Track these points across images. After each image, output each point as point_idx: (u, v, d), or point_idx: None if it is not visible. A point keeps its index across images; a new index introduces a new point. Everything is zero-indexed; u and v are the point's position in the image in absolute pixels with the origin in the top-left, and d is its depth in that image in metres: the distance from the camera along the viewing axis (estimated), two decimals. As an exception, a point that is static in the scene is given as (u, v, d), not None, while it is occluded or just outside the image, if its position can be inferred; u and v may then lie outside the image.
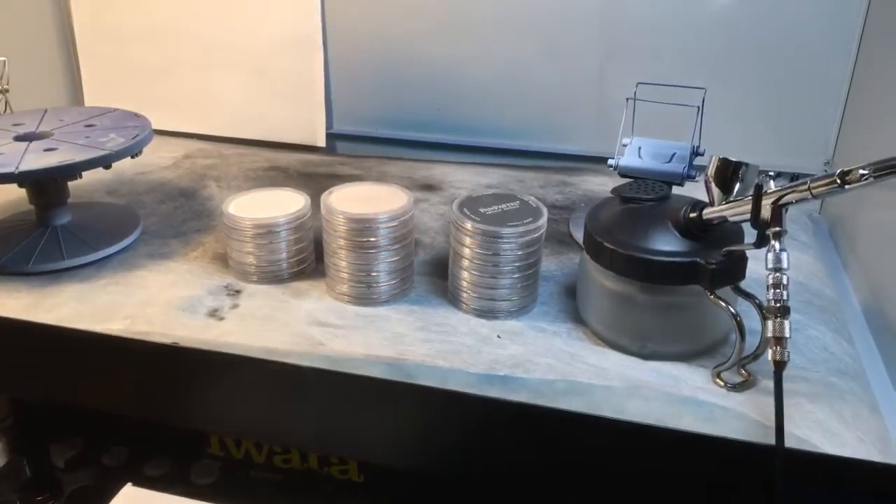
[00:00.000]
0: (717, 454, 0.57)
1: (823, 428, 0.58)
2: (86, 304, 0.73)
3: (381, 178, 1.04)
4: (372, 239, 0.72)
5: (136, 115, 0.89)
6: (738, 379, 0.63)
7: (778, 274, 0.55)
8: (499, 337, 0.68)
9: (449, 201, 0.97)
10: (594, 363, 0.64)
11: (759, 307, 0.61)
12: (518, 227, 0.69)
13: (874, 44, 0.95)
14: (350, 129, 1.20)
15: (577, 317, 0.72)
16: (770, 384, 0.62)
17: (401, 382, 0.61)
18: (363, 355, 0.64)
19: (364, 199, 0.75)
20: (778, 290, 0.54)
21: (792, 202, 0.55)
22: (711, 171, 0.62)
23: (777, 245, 0.55)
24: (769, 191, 0.56)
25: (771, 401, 0.60)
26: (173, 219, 0.92)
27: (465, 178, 1.05)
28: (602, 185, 1.03)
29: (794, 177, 0.55)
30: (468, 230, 0.70)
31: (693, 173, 0.81)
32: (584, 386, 0.61)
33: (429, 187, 1.02)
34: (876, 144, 0.92)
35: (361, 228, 0.71)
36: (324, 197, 0.75)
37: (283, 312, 0.71)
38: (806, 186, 0.53)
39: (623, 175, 0.84)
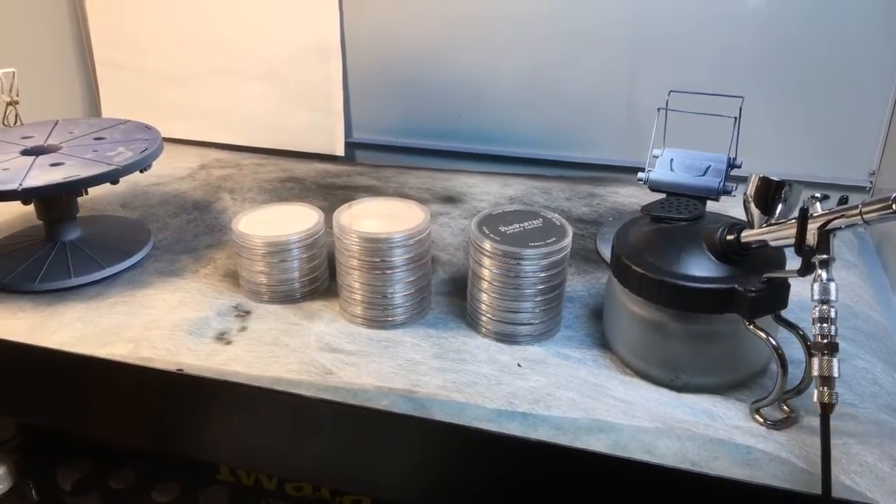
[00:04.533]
0: (756, 503, 0.52)
1: (873, 473, 0.53)
2: (90, 325, 0.70)
3: (399, 189, 1.01)
4: (387, 259, 0.68)
5: (148, 128, 0.86)
6: (779, 415, 0.58)
7: (825, 307, 0.50)
8: (519, 366, 0.64)
9: (470, 215, 0.93)
10: (622, 397, 0.60)
11: (804, 338, 0.56)
12: (541, 247, 0.65)
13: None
14: (369, 137, 1.16)
15: (604, 342, 0.68)
16: (814, 421, 0.57)
17: (412, 417, 0.57)
18: (374, 387, 0.60)
19: (379, 216, 0.71)
20: (825, 325, 0.49)
21: (841, 227, 0.50)
22: (751, 190, 0.57)
23: (824, 275, 0.50)
24: (815, 214, 0.51)
25: (816, 441, 0.55)
26: (185, 233, 0.89)
27: (487, 190, 1.01)
28: (632, 196, 0.98)
29: (843, 199, 0.50)
30: (488, 250, 0.66)
31: (730, 187, 0.75)
32: (610, 423, 0.57)
33: (449, 199, 0.98)
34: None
35: (375, 248, 0.68)
36: (336, 215, 0.71)
37: (292, 336, 0.68)
38: (857, 211, 0.48)
39: (653, 189, 0.79)
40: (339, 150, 1.15)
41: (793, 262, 0.58)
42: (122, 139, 0.82)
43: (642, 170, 1.05)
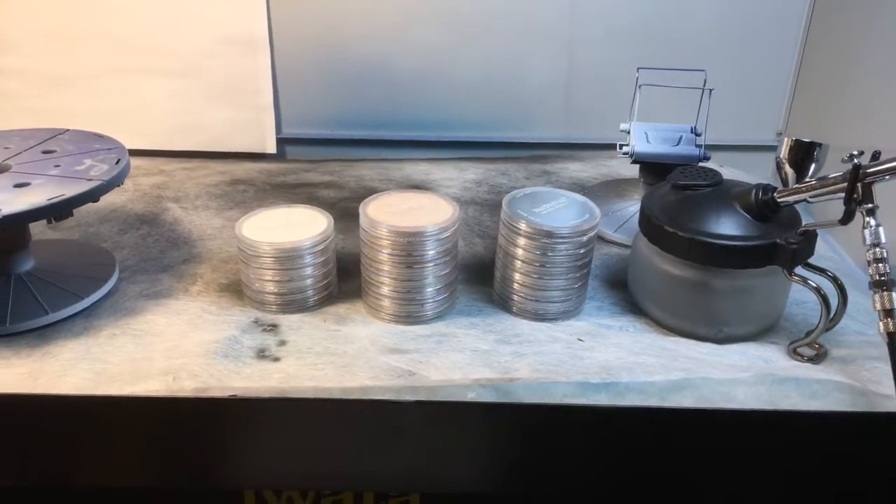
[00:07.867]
0: (841, 428, 0.58)
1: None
2: (101, 362, 0.62)
3: (359, 182, 0.98)
4: (427, 252, 0.66)
5: (98, 136, 0.76)
6: (811, 352, 0.65)
7: (878, 249, 0.56)
8: (580, 340, 0.66)
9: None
10: (686, 354, 0.64)
11: (834, 279, 0.64)
12: (580, 224, 0.67)
13: (820, 25, 1.02)
14: (301, 132, 1.10)
15: (629, 308, 0.72)
16: (841, 352, 0.65)
17: (543, 405, 0.57)
18: (472, 380, 0.59)
19: (404, 211, 0.69)
20: (881, 265, 0.56)
21: (877, 181, 0.57)
22: (784, 152, 0.63)
23: (872, 221, 0.57)
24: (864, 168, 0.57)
25: (853, 368, 0.63)
26: (147, 250, 0.81)
27: (446, 176, 1.01)
28: (583, 171, 1.03)
29: (875, 154, 0.57)
30: (524, 231, 0.67)
31: (708, 154, 0.82)
32: (687, 380, 0.61)
33: (416, 188, 0.96)
34: (823, 117, 0.99)
35: (411, 242, 0.66)
36: (362, 209, 0.68)
37: (341, 343, 0.64)
38: (904, 163, 0.55)
39: (638, 161, 0.84)
40: (271, 148, 1.08)
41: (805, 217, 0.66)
42: (80, 151, 0.72)
43: (581, 146, 1.11)
